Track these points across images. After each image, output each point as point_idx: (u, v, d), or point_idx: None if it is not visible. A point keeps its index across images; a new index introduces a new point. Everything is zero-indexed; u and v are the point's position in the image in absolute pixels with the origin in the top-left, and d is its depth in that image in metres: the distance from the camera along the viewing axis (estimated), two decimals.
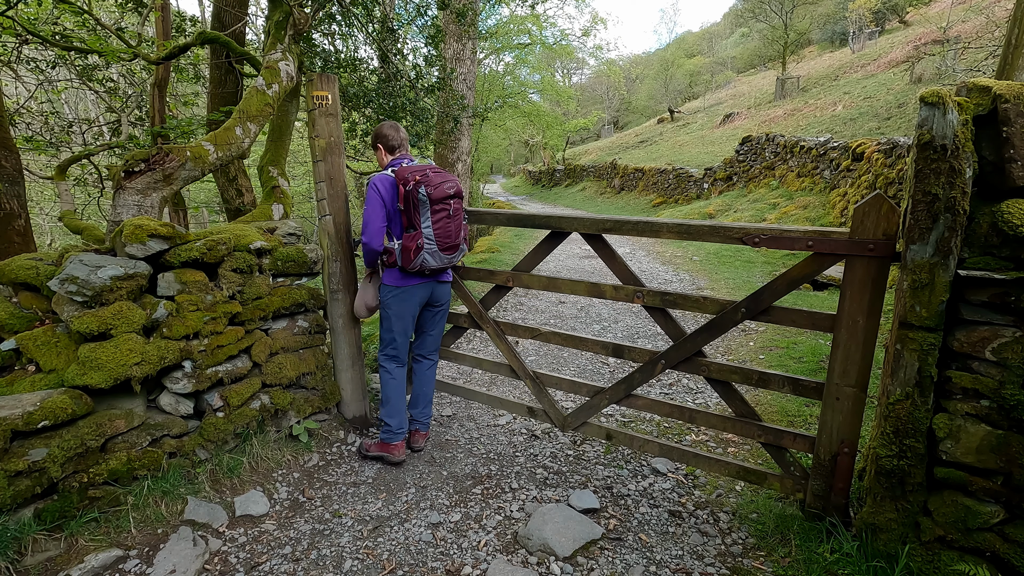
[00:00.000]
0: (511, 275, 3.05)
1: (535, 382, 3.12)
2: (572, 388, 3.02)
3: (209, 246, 2.62)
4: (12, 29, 4.83)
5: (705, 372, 2.55)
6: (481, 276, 3.23)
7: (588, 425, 2.98)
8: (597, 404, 2.90)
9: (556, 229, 2.83)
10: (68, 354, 2.38)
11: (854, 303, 2.11)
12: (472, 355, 3.45)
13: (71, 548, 2.19)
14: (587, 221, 2.69)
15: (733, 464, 2.57)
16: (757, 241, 2.28)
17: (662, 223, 2.49)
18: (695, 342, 2.54)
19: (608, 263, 2.74)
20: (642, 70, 51.18)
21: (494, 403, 3.37)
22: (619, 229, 2.61)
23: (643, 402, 2.79)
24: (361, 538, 2.49)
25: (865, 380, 2.15)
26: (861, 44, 24.03)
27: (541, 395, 3.11)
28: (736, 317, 2.40)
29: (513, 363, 3.19)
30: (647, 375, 2.71)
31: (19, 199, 4.26)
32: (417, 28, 6.82)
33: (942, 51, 15.34)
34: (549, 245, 2.92)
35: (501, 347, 3.20)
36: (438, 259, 2.79)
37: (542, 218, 2.90)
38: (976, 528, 1.89)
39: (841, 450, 2.24)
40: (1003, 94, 1.77)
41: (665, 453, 2.75)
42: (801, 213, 9.43)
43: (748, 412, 2.54)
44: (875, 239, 2.03)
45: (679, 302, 2.53)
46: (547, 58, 28.91)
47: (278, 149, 4.46)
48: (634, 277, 2.69)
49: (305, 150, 15.25)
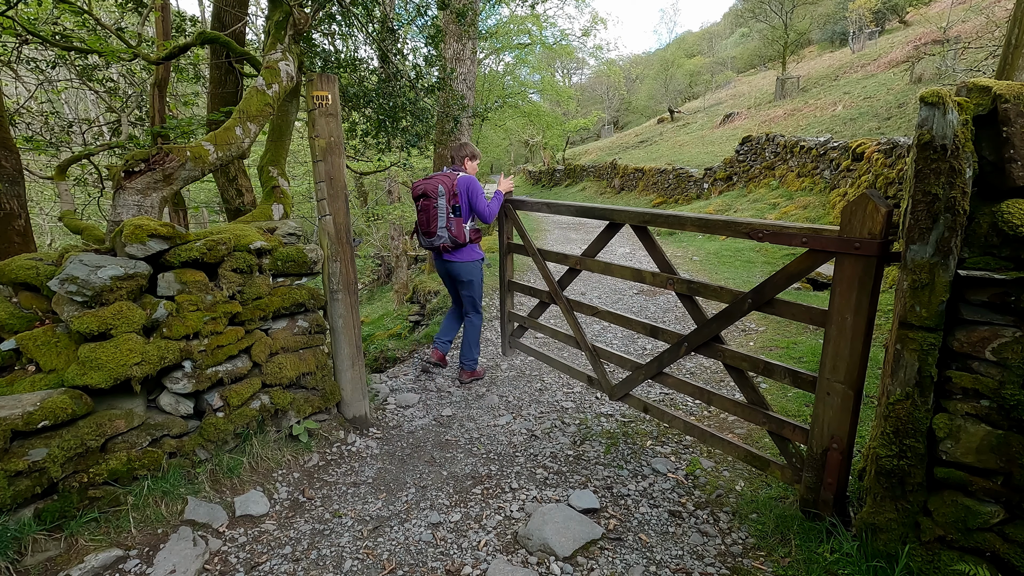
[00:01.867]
0: (580, 259, 3.56)
1: (593, 354, 3.59)
2: (620, 362, 3.42)
3: (209, 246, 2.62)
4: (12, 29, 4.83)
5: (721, 357, 2.77)
6: (557, 259, 3.79)
7: (630, 397, 3.36)
8: (636, 379, 3.28)
9: (612, 221, 3.29)
10: (68, 354, 2.38)
11: (843, 300, 2.16)
12: (552, 327, 4.11)
13: (71, 548, 2.19)
14: (631, 214, 3.12)
15: (742, 448, 2.74)
16: (761, 236, 2.43)
17: (687, 217, 2.81)
18: (711, 327, 2.78)
19: (649, 252, 3.10)
20: (642, 70, 51.17)
21: (565, 369, 3.93)
22: (654, 221, 2.99)
23: (672, 380, 3.10)
24: (361, 538, 2.49)
25: (854, 377, 2.18)
26: (861, 44, 24.02)
27: (597, 365, 3.55)
28: (743, 307, 2.58)
29: (578, 336, 3.72)
30: (674, 355, 3.01)
31: (19, 199, 4.26)
32: (417, 28, 6.82)
33: (942, 51, 15.34)
34: (608, 234, 3.39)
35: (570, 321, 3.75)
36: (423, 241, 3.87)
37: (600, 210, 3.36)
38: (976, 528, 1.89)
39: (831, 445, 2.26)
40: (1003, 94, 1.77)
41: (688, 430, 3.03)
42: (801, 213, 9.43)
43: (758, 400, 2.67)
44: (861, 237, 2.07)
45: (701, 290, 2.82)
46: (547, 58, 28.93)
47: (278, 149, 4.46)
48: (669, 266, 2.99)
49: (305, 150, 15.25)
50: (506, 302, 4.49)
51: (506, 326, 4.63)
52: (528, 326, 4.37)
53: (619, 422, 3.52)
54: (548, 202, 3.82)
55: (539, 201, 3.99)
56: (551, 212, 3.79)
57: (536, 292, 4.16)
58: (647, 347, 4.86)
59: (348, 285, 3.26)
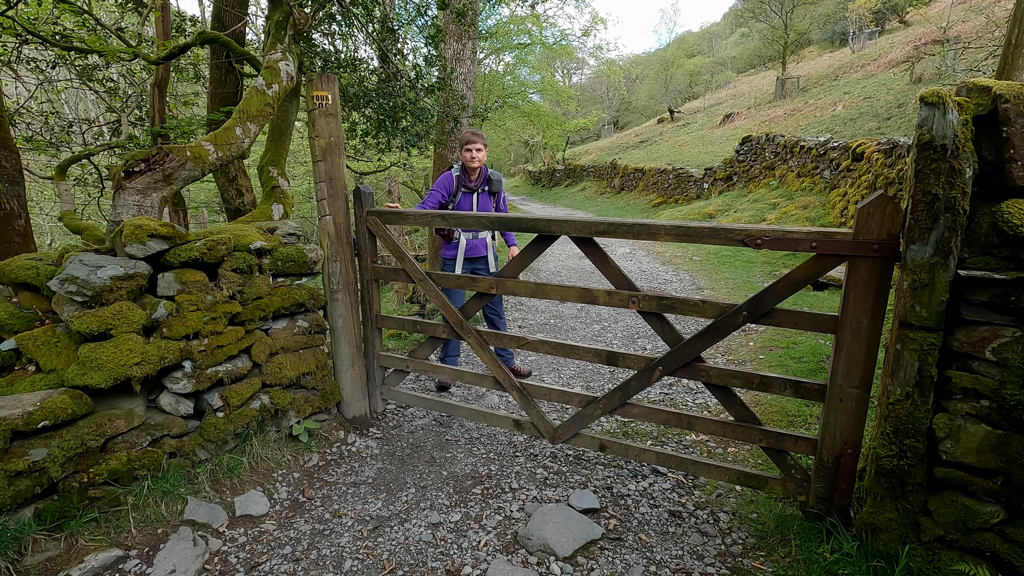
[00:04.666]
0: (494, 282, 2.89)
1: (522, 394, 2.96)
2: (563, 398, 2.89)
3: (209, 246, 2.62)
4: (12, 29, 4.82)
5: (704, 377, 2.48)
6: (461, 283, 3.04)
7: (580, 436, 2.88)
8: (590, 414, 2.80)
9: (544, 232, 2.70)
10: (68, 354, 2.38)
11: (858, 304, 2.09)
12: (451, 368, 3.30)
13: (71, 548, 2.19)
14: (578, 224, 2.57)
15: (733, 470, 2.54)
16: (759, 243, 2.21)
17: (660, 225, 2.39)
18: (694, 347, 2.47)
19: (600, 267, 2.62)
20: (642, 70, 51.17)
21: (476, 417, 3.22)
22: (614, 232, 2.48)
23: (639, 410, 2.70)
24: (361, 538, 2.49)
25: (869, 381, 2.14)
26: (861, 44, 24.02)
27: (529, 407, 2.97)
28: (738, 320, 2.34)
29: (498, 374, 3.02)
30: (644, 383, 2.63)
31: (19, 199, 4.26)
32: (417, 28, 6.82)
33: (942, 51, 15.34)
34: (537, 249, 2.79)
35: (484, 358, 3.03)
36: None
37: (529, 221, 2.75)
38: (976, 528, 1.89)
39: (845, 451, 2.23)
40: (1003, 94, 1.77)
41: (663, 462, 2.71)
42: (801, 213, 9.43)
43: (748, 416, 2.50)
44: (879, 239, 2.01)
45: (677, 306, 2.44)
46: (547, 58, 28.90)
47: (278, 149, 4.46)
48: (628, 281, 2.59)
49: (305, 150, 15.24)
50: (373, 344, 3.43)
51: (373, 375, 3.47)
52: (414, 369, 3.37)
53: (619, 422, 3.52)
54: (443, 213, 3.02)
55: (421, 212, 3.13)
56: (447, 225, 3.06)
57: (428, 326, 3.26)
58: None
59: (348, 285, 3.26)
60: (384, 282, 3.61)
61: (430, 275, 3.09)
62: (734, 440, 2.95)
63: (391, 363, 3.43)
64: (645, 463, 2.92)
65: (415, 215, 3.18)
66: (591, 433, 2.93)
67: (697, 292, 6.67)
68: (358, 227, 3.26)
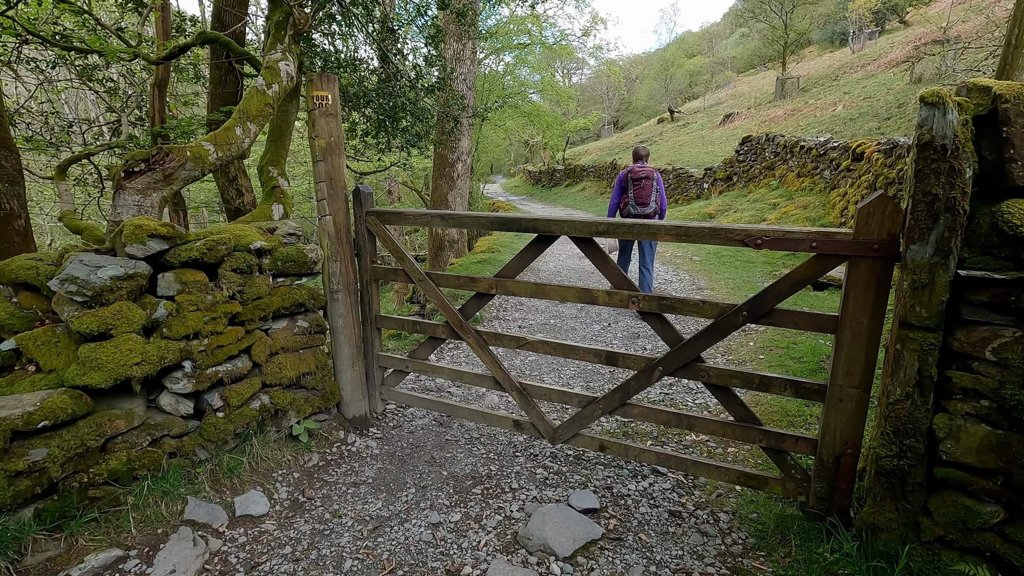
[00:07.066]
0: (494, 282, 2.88)
1: (522, 394, 2.96)
2: (562, 399, 2.90)
3: (209, 246, 2.62)
4: (12, 29, 4.83)
5: (704, 377, 2.49)
6: (461, 283, 3.01)
7: (580, 436, 2.89)
8: (590, 415, 2.80)
9: (544, 233, 2.70)
10: (68, 354, 2.38)
11: (858, 304, 2.10)
12: (451, 367, 3.29)
13: (71, 548, 2.19)
14: (578, 224, 2.58)
15: (733, 470, 2.55)
16: (759, 243, 2.22)
17: (659, 225, 2.40)
18: (694, 347, 2.47)
19: (600, 267, 2.64)
20: (642, 70, 51.16)
21: (476, 417, 3.22)
22: (614, 232, 2.49)
23: (639, 410, 2.72)
24: (361, 538, 2.49)
25: (869, 381, 2.14)
26: (861, 44, 24.02)
27: (528, 407, 2.97)
28: (738, 321, 2.35)
29: (497, 375, 3.01)
30: (643, 383, 2.64)
31: (19, 199, 4.26)
32: (417, 28, 6.82)
33: (942, 51, 15.34)
34: (536, 249, 2.81)
35: (484, 358, 3.02)
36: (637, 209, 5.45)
37: (528, 221, 2.75)
38: (976, 528, 1.89)
39: (845, 451, 2.23)
40: (1003, 94, 1.77)
41: (663, 462, 2.72)
42: (801, 213, 9.42)
43: (748, 416, 2.50)
44: (880, 239, 2.02)
45: (677, 307, 2.45)
46: (547, 58, 28.90)
47: (278, 149, 4.46)
48: (628, 281, 2.61)
49: (305, 150, 15.25)
50: (373, 344, 3.42)
51: (373, 375, 3.47)
52: (414, 370, 3.37)
53: (619, 422, 3.52)
54: (443, 213, 3.03)
55: (421, 212, 3.16)
56: (447, 225, 3.08)
57: (427, 326, 3.24)
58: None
59: (348, 285, 3.26)
60: (384, 282, 3.54)
61: (430, 275, 3.09)
62: (734, 440, 2.96)
63: (391, 363, 3.43)
64: (645, 463, 2.93)
65: (415, 215, 3.18)
66: (591, 433, 2.94)
67: (697, 292, 6.67)
68: (358, 227, 3.26)
